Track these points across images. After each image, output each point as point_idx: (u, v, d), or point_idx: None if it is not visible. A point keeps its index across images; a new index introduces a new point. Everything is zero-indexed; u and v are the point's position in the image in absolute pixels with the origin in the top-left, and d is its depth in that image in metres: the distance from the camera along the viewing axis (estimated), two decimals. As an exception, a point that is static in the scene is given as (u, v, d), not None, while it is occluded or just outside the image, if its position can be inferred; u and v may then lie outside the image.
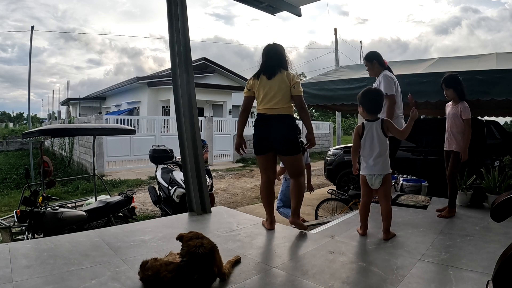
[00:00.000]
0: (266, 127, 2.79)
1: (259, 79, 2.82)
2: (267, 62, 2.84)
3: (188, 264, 1.77)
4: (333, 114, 22.32)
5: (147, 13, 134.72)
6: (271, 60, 2.83)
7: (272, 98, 2.74)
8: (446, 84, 3.34)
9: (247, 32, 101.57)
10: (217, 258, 1.89)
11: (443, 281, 1.95)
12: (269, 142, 2.80)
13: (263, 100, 2.78)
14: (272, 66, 2.80)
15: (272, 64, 2.82)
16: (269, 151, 2.85)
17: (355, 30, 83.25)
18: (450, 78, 3.35)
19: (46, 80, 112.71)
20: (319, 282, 1.93)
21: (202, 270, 1.78)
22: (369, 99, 2.73)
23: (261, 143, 2.84)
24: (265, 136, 2.81)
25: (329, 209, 4.79)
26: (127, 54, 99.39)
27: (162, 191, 5.30)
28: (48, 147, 17.84)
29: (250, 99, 2.94)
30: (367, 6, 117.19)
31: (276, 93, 2.74)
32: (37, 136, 4.23)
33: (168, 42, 3.41)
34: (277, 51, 2.86)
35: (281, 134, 2.76)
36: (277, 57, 2.83)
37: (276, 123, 2.75)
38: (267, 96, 2.76)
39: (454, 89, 3.29)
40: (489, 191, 3.60)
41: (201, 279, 1.77)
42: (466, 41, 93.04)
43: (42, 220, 3.30)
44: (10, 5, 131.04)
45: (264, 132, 2.81)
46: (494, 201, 1.53)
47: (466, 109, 3.22)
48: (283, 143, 2.78)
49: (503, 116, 7.84)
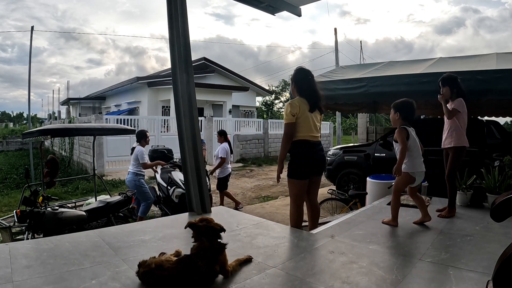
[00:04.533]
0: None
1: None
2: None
3: (192, 258, 1.79)
4: (333, 114, 22.30)
5: (147, 13, 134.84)
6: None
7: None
8: (443, 82, 3.40)
9: (248, 32, 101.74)
10: (221, 256, 1.90)
11: (443, 281, 1.95)
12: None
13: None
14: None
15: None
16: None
17: (359, 30, 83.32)
18: (447, 77, 3.41)
19: (46, 80, 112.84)
20: (319, 282, 1.93)
21: (206, 266, 1.79)
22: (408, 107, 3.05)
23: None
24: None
25: (329, 209, 4.80)
26: (130, 54, 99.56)
27: (162, 191, 5.30)
28: (48, 147, 17.83)
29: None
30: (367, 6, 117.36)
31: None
32: (37, 136, 4.23)
33: (168, 42, 3.42)
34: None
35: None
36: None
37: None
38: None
39: (450, 87, 3.34)
40: (489, 191, 3.60)
41: (204, 274, 1.78)
42: (471, 41, 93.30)
43: (42, 220, 3.30)
44: (10, 5, 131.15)
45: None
46: (494, 201, 1.53)
47: (459, 101, 3.28)
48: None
49: (503, 116, 7.83)
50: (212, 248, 1.86)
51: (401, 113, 3.01)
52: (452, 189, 3.35)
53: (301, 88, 2.99)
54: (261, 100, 36.18)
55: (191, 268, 1.78)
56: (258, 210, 5.83)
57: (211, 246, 1.87)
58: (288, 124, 2.90)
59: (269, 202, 6.87)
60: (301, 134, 2.91)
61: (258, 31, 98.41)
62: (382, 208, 3.70)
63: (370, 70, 6.33)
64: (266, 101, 37.63)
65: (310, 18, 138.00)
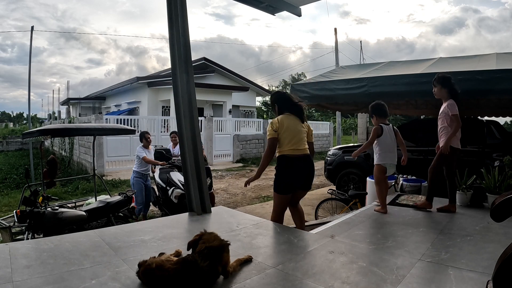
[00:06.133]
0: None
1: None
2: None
3: (194, 258, 1.79)
4: (333, 114, 22.31)
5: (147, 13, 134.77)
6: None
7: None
8: (435, 82, 3.48)
9: (248, 32, 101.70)
10: (224, 256, 1.90)
11: (443, 281, 1.95)
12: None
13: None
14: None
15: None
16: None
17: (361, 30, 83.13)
18: (440, 77, 3.49)
19: (46, 80, 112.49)
20: (319, 282, 1.93)
21: (208, 266, 1.79)
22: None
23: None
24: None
25: (329, 209, 4.80)
26: (130, 54, 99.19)
27: (161, 192, 5.29)
28: (48, 147, 17.83)
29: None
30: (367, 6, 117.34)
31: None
32: (37, 136, 4.24)
33: (168, 42, 3.42)
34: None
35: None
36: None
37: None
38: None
39: (442, 86, 3.40)
40: (489, 191, 3.60)
41: (206, 274, 1.78)
42: (473, 41, 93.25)
43: (42, 220, 3.30)
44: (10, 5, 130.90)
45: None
46: (494, 201, 1.53)
47: (452, 105, 3.32)
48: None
49: (503, 116, 7.83)
50: (216, 249, 1.86)
51: (376, 114, 3.53)
52: (432, 183, 3.50)
53: (281, 106, 3.18)
54: (261, 100, 36.22)
55: (192, 268, 1.78)
56: (258, 210, 5.83)
57: (215, 246, 1.87)
58: (270, 139, 3.04)
59: (269, 202, 6.87)
60: (284, 149, 3.02)
61: (258, 31, 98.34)
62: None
63: (370, 70, 6.33)
64: (266, 101, 37.66)
65: (311, 18, 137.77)
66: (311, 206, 5.49)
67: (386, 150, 3.45)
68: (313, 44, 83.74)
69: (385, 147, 3.45)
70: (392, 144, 3.48)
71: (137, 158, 5.44)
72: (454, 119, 3.28)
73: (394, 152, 3.49)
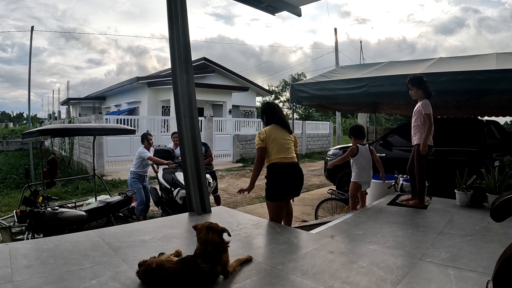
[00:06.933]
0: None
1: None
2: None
3: (194, 259, 1.79)
4: (333, 114, 22.30)
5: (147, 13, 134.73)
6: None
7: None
8: (410, 83, 3.62)
9: (249, 32, 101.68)
10: (223, 257, 1.90)
11: (443, 281, 1.95)
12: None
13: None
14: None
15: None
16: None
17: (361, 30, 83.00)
18: (413, 78, 3.66)
19: (46, 80, 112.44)
20: (319, 282, 1.93)
21: (208, 266, 1.79)
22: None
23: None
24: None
25: (329, 209, 4.80)
26: (131, 54, 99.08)
27: (164, 192, 5.20)
28: (48, 147, 17.84)
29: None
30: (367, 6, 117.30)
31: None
32: (37, 136, 4.24)
33: (168, 42, 3.42)
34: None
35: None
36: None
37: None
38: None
39: (417, 87, 3.55)
40: (489, 191, 3.60)
41: (206, 274, 1.79)
42: (474, 41, 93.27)
43: (42, 220, 3.30)
44: (10, 5, 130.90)
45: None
46: (494, 201, 1.53)
47: (426, 105, 3.48)
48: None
49: (503, 116, 7.83)
50: (215, 250, 1.86)
51: (354, 135, 3.88)
52: (413, 180, 3.71)
53: (269, 118, 3.33)
54: (261, 100, 36.20)
55: (192, 268, 1.78)
56: (258, 210, 5.83)
57: (215, 247, 1.87)
58: (258, 149, 3.15)
59: (269, 202, 6.86)
60: (273, 158, 3.11)
61: (259, 31, 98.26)
62: (382, 208, 3.70)
63: (370, 70, 6.33)
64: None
65: (311, 18, 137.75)
66: (311, 206, 5.49)
67: (361, 168, 3.76)
68: (313, 44, 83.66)
69: (360, 166, 3.76)
70: (367, 163, 3.79)
71: (137, 159, 5.37)
72: (427, 118, 3.42)
73: (369, 170, 3.82)
